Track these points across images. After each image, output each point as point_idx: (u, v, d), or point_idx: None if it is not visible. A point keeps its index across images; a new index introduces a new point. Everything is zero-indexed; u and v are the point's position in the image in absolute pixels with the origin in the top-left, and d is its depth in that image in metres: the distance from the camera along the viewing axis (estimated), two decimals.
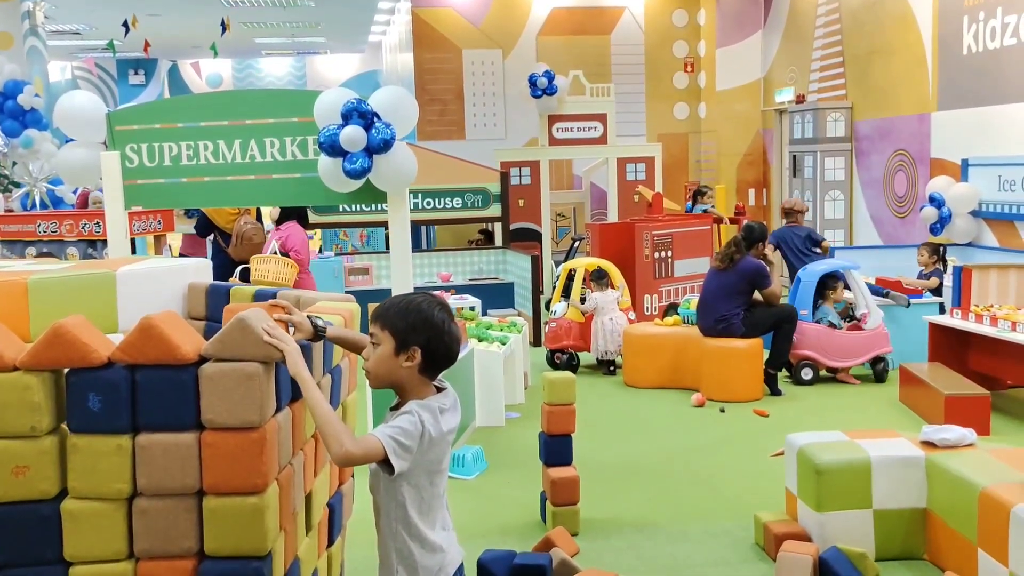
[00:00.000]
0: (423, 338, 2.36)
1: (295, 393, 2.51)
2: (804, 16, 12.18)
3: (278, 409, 2.37)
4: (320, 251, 11.57)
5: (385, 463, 2.27)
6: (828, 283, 7.58)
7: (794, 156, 11.68)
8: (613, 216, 11.75)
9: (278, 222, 7.70)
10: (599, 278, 7.96)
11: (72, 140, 5.69)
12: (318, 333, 2.53)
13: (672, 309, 8.80)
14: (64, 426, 2.28)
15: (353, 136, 4.98)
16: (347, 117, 5.03)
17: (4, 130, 11.40)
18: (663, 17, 13.97)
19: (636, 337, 7.56)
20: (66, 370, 2.25)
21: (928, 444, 4.19)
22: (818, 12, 11.79)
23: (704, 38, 14.05)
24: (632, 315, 8.02)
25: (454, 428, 2.42)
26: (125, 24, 12.70)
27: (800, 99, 12.07)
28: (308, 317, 2.53)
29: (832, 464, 4.07)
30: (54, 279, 3.53)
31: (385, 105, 5.14)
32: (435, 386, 2.44)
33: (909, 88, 9.91)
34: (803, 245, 9.01)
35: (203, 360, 2.26)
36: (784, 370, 7.42)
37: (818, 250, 8.95)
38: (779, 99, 12.87)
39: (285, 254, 7.76)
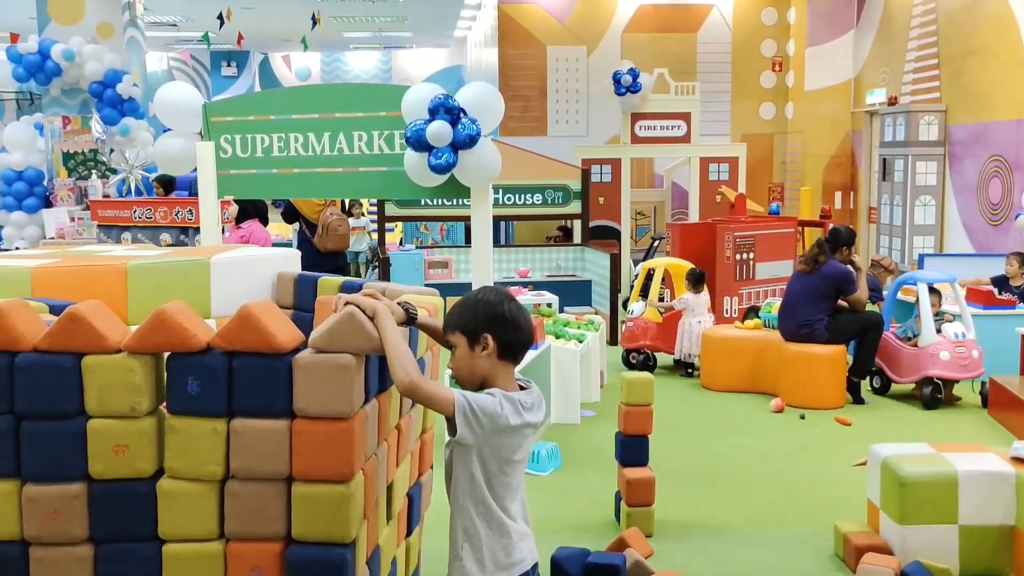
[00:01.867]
0: (489, 325, 2.44)
1: (382, 385, 2.56)
2: (899, 16, 11.88)
3: (366, 400, 2.42)
4: (401, 244, 11.73)
5: (451, 424, 2.34)
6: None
7: (884, 159, 11.40)
8: (694, 216, 11.64)
9: (238, 220, 7.83)
10: (696, 281, 7.89)
11: (169, 130, 5.86)
12: (409, 316, 2.58)
13: (753, 312, 8.68)
14: (163, 408, 2.36)
15: (439, 131, 5.03)
16: (434, 112, 5.08)
17: (103, 118, 11.80)
18: (752, 15, 13.77)
19: (715, 340, 7.48)
20: (166, 354, 2.33)
21: (1018, 460, 4.06)
22: (913, 12, 11.49)
23: (794, 37, 13.81)
24: (711, 317, 7.95)
25: (536, 424, 2.46)
26: (220, 17, 13.02)
27: (892, 101, 11.78)
28: (398, 302, 2.58)
29: (917, 477, 3.98)
30: (152, 264, 3.65)
31: (472, 101, 5.18)
32: (519, 384, 2.49)
33: (1006, 91, 9.59)
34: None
35: (297, 349, 2.32)
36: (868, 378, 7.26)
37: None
38: (870, 100, 12.58)
39: None
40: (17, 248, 10.34)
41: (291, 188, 5.96)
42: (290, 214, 9.33)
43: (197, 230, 7.30)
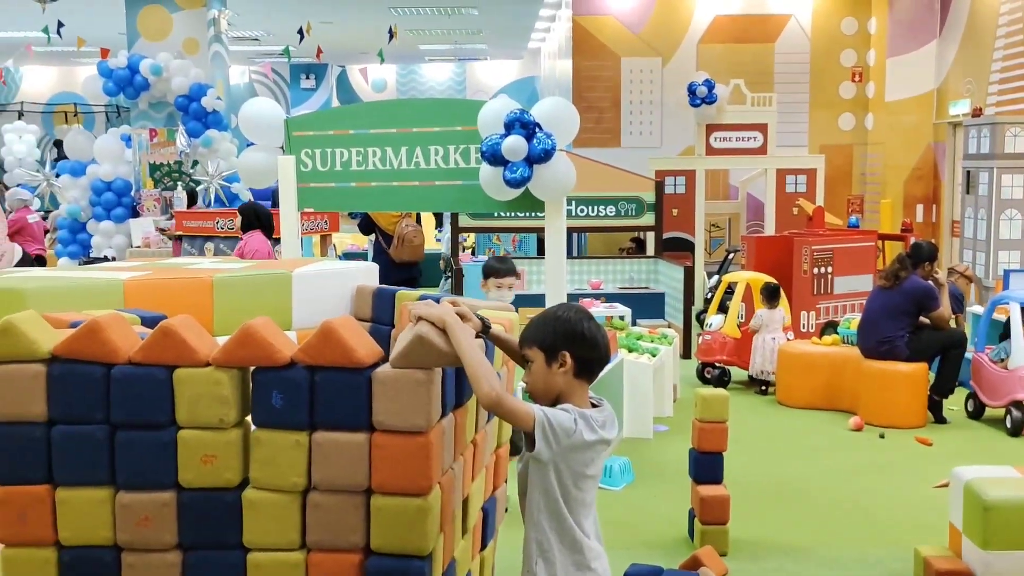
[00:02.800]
0: (568, 342, 2.47)
1: (458, 399, 2.60)
2: (984, 25, 11.58)
3: (443, 415, 2.46)
4: (473, 254, 11.82)
5: (528, 439, 2.38)
6: None
7: (968, 172, 11.10)
8: (770, 229, 11.49)
9: (243, 230, 7.61)
10: (771, 296, 7.80)
11: (252, 144, 6.02)
12: (484, 327, 2.61)
13: (830, 327, 8.53)
14: (248, 420, 2.44)
15: (515, 146, 5.08)
16: (510, 127, 5.14)
17: (188, 131, 12.15)
18: (831, 25, 13.56)
19: (792, 355, 7.38)
20: (252, 367, 2.41)
21: None
22: (999, 21, 11.19)
23: (874, 47, 13.55)
24: (790, 335, 7.83)
25: (610, 440, 2.48)
26: (300, 31, 13.31)
27: (977, 112, 11.47)
28: (474, 313, 2.62)
29: (1002, 501, 3.87)
30: (236, 278, 3.76)
31: (547, 116, 5.23)
32: (591, 402, 2.51)
33: None
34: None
35: (376, 364, 2.37)
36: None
37: None
38: (953, 111, 12.27)
39: None
40: (106, 257, 10.70)
41: (368, 201, 6.08)
42: (366, 226, 9.49)
43: (277, 240, 7.47)
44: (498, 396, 2.34)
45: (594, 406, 2.53)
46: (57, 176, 13.13)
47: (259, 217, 7.55)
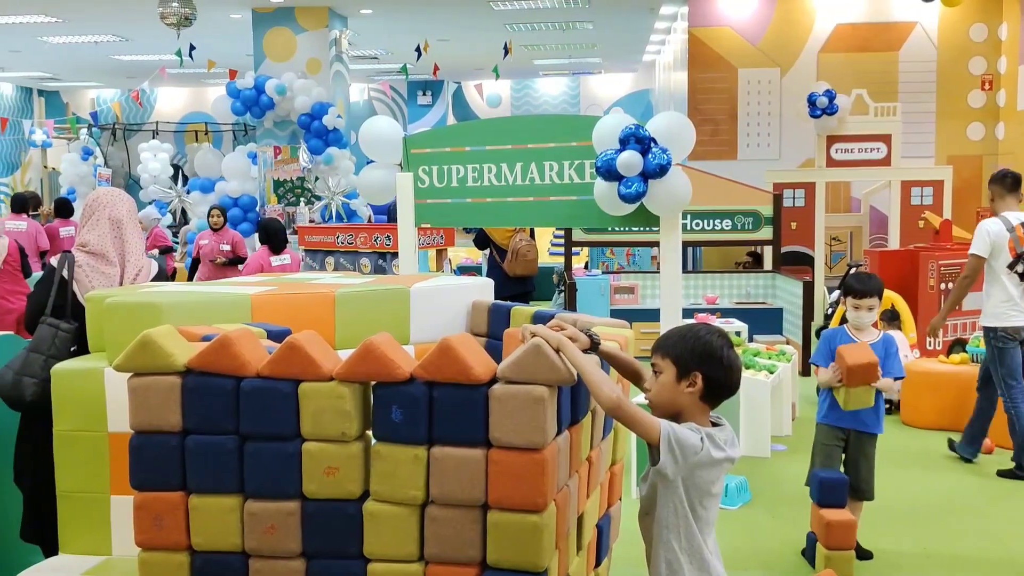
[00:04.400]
0: (704, 364, 2.44)
1: (574, 417, 2.61)
2: None
3: (559, 432, 2.47)
4: (586, 268, 11.82)
5: (652, 453, 2.36)
6: None
7: None
8: (894, 243, 11.10)
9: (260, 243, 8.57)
10: (891, 318, 7.56)
11: (372, 162, 6.17)
12: (593, 344, 2.61)
13: (958, 345, 8.19)
14: (369, 433, 2.50)
15: (630, 161, 5.06)
16: (625, 142, 5.12)
17: (310, 148, 12.56)
18: (959, 32, 13.05)
19: (918, 374, 7.11)
20: (373, 382, 2.47)
21: None
22: None
23: (1005, 53, 12.98)
24: (916, 353, 7.55)
25: (734, 459, 2.46)
26: (418, 49, 13.59)
27: None
28: (583, 330, 2.63)
29: None
30: (357, 293, 3.86)
31: (663, 131, 5.19)
32: (712, 421, 2.48)
33: None
34: None
35: (494, 380, 2.40)
36: None
37: None
38: None
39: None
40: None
41: (484, 217, 6.14)
42: (481, 240, 9.59)
43: (395, 255, 7.65)
44: (619, 399, 2.35)
45: (714, 425, 2.50)
46: (188, 192, 13.74)
47: (267, 233, 8.46)
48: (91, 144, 18.44)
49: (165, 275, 4.29)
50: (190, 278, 10.01)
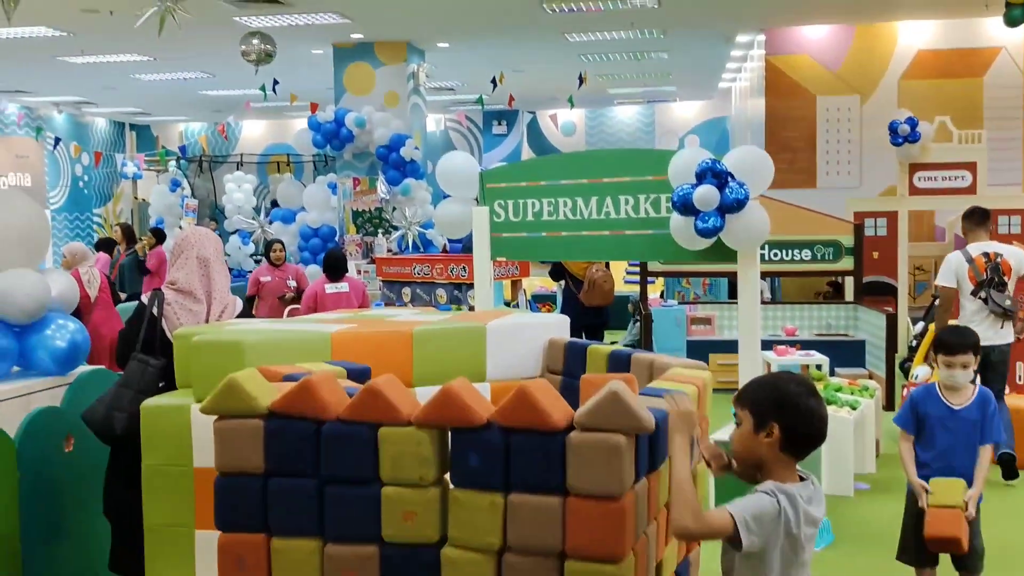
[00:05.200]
0: (780, 414, 2.38)
1: (652, 464, 2.59)
2: None
3: (637, 479, 2.46)
4: (662, 297, 11.73)
5: (732, 540, 2.29)
6: None
7: None
8: None
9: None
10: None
11: (448, 196, 6.24)
12: (727, 465, 2.59)
13: None
14: (447, 478, 2.52)
15: (706, 196, 5.02)
16: (701, 177, 5.09)
17: (388, 179, 12.76)
18: None
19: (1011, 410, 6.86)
20: (451, 427, 2.49)
21: None
22: None
23: None
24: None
25: (818, 519, 2.38)
26: (493, 80, 13.73)
27: None
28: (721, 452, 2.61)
29: None
30: (434, 330, 3.90)
31: (740, 165, 5.14)
32: (799, 475, 2.42)
33: None
34: None
35: (570, 428, 2.40)
36: None
37: None
38: None
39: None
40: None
41: (559, 250, 6.15)
42: (557, 272, 9.61)
43: (470, 286, 7.71)
44: (685, 527, 2.30)
45: (801, 479, 2.43)
46: (271, 223, 14.07)
47: (324, 261, 8.58)
48: (179, 176, 19.02)
49: (250, 312, 4.40)
50: (246, 314, 9.88)
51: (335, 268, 8.48)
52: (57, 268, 5.58)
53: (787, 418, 2.37)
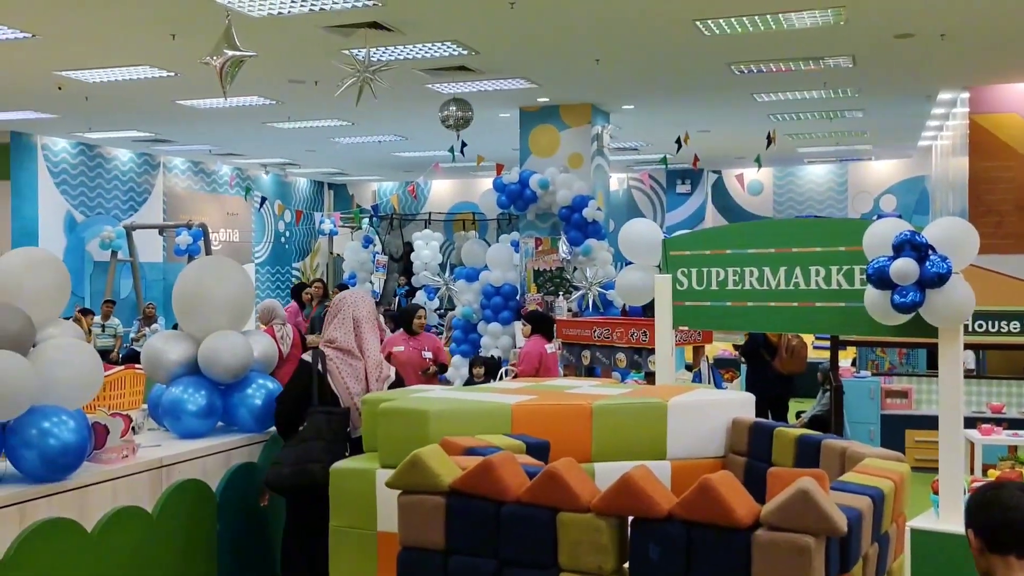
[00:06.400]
0: (971, 518, 2.24)
1: (843, 565, 2.45)
2: None
3: None
4: (854, 365, 11.19)
5: None
6: None
7: None
8: None
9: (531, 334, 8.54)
10: None
11: (631, 263, 6.22)
12: None
13: None
14: (626, 567, 2.47)
15: (905, 269, 4.78)
16: (899, 249, 4.85)
17: (569, 239, 12.86)
18: None
19: None
20: (630, 517, 2.45)
21: None
22: None
23: None
24: None
25: None
26: (678, 140, 13.67)
27: None
28: None
29: None
30: (614, 405, 3.86)
31: (942, 237, 4.88)
32: None
33: None
34: None
35: (756, 524, 2.31)
36: None
37: None
38: None
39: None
40: (493, 356, 11.49)
41: (744, 321, 5.99)
42: (752, 352, 9.38)
43: (650, 351, 7.62)
44: None
45: None
46: (455, 280, 14.47)
47: (540, 322, 8.62)
48: (371, 232, 19.92)
49: (402, 382, 4.56)
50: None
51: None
52: (258, 330, 5.93)
53: (974, 520, 2.24)
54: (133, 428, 4.08)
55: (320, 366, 4.21)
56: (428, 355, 8.50)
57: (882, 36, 9.48)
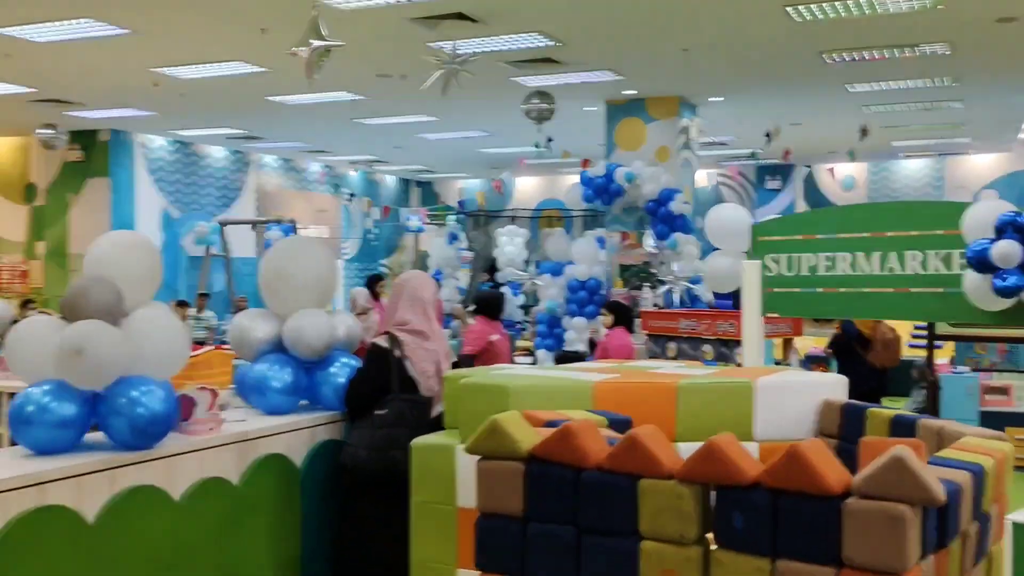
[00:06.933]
0: None
1: (940, 540, 2.33)
2: None
3: (923, 556, 2.21)
4: (952, 363, 10.79)
5: None
6: None
7: None
8: None
9: (612, 325, 8.32)
10: None
11: (718, 249, 6.09)
12: None
13: None
14: (709, 537, 2.39)
15: (1007, 252, 4.57)
16: (1001, 231, 4.65)
17: (656, 233, 12.71)
18: None
19: None
20: (714, 484, 2.37)
21: None
22: None
23: None
24: None
25: None
26: (768, 134, 13.40)
27: None
28: None
29: None
30: (700, 384, 3.77)
31: None
32: None
33: None
34: None
35: (847, 493, 2.21)
36: None
37: None
38: None
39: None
40: (577, 352, 11.42)
41: (837, 308, 5.82)
42: (845, 345, 9.12)
43: (738, 343, 7.46)
44: None
45: None
46: (540, 275, 14.45)
47: (623, 314, 8.39)
48: (457, 229, 20.05)
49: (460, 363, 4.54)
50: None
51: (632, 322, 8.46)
52: (345, 310, 5.99)
53: None
54: (220, 405, 4.15)
55: (398, 351, 4.18)
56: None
57: (982, 20, 9.10)
